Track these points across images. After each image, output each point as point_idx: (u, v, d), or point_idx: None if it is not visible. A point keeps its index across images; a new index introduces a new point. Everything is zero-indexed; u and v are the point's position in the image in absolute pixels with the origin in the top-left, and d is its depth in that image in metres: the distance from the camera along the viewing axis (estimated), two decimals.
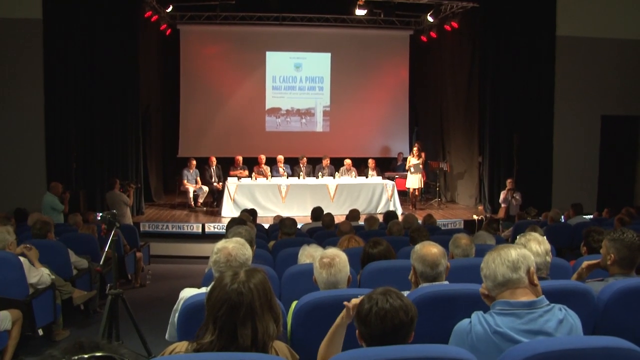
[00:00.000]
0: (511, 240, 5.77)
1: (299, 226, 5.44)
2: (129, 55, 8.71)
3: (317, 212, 6.36)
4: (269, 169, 9.99)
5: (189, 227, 8.19)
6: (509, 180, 8.93)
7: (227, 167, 10.14)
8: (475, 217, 8.98)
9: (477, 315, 1.80)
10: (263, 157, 10.00)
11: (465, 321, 1.82)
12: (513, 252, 1.83)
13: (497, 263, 1.83)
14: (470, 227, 8.39)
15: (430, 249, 2.36)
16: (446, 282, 2.37)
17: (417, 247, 2.41)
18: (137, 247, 6.44)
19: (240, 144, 11.41)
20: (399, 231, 4.78)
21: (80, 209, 7.76)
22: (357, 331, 1.66)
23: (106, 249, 3.57)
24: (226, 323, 1.49)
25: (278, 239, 4.75)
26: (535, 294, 1.79)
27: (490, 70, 9.59)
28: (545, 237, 2.75)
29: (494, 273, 1.82)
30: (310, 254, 3.04)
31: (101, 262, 3.94)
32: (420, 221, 6.20)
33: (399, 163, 11.26)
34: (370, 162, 10.33)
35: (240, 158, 10.08)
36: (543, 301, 1.76)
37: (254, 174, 9.52)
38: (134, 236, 6.48)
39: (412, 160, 9.78)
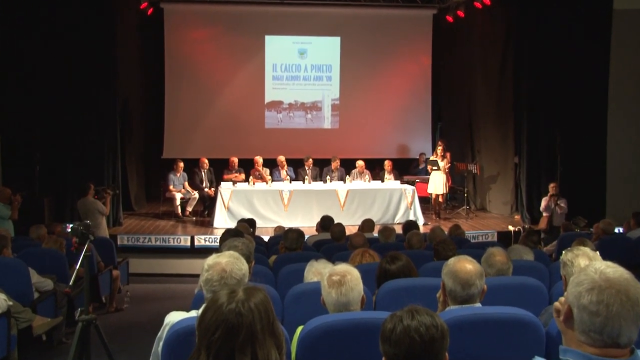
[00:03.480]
0: (555, 256, 5.74)
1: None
2: (103, 39, 8.74)
3: (325, 222, 6.33)
4: (267, 171, 10.01)
5: (175, 240, 8.21)
6: (551, 185, 8.83)
7: (220, 170, 10.16)
8: (511, 228, 8.92)
9: None
10: (259, 159, 10.02)
11: None
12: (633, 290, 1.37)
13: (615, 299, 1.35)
14: (505, 239, 8.32)
15: (465, 264, 2.36)
16: (479, 305, 2.36)
17: (452, 260, 2.41)
18: (113, 264, 6.44)
19: (235, 144, 11.43)
20: (420, 244, 4.77)
21: (44, 220, 7.77)
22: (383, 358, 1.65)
23: (77, 267, 3.56)
24: (222, 349, 1.48)
25: (280, 253, 4.75)
26: None
27: (528, 55, 9.51)
28: (597, 252, 2.73)
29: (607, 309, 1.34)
30: (317, 271, 3.04)
31: (70, 283, 3.88)
32: (446, 233, 6.16)
33: (420, 166, 11.23)
34: (387, 164, 10.32)
35: (235, 160, 10.11)
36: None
37: (251, 178, 9.54)
38: (110, 251, 6.48)
39: (432, 159, 9.77)
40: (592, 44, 9.18)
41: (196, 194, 9.70)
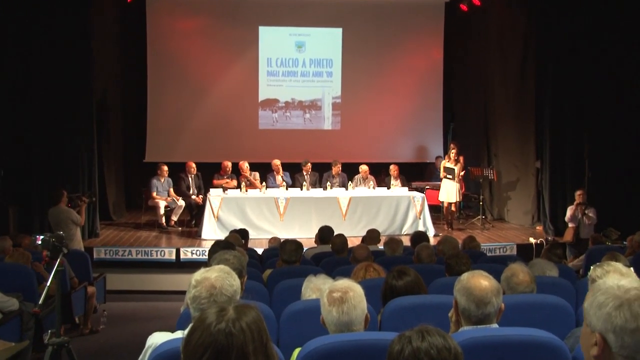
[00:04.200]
0: (583, 271, 5.73)
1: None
2: (77, 31, 8.73)
3: (324, 234, 6.35)
4: (257, 175, 10.02)
5: (159, 253, 8.19)
6: (578, 192, 8.81)
7: (209, 175, 10.17)
8: (532, 240, 8.91)
9: None
10: (245, 165, 10.02)
11: None
12: None
13: None
14: (525, 253, 8.26)
15: (480, 281, 2.37)
16: (495, 326, 2.35)
17: (465, 275, 2.43)
18: (88, 280, 6.42)
19: (225, 146, 11.45)
20: (430, 257, 4.78)
21: (9, 231, 7.73)
22: None
23: (47, 284, 3.55)
24: None
25: (276, 267, 4.76)
26: None
27: (553, 48, 9.51)
28: (631, 268, 2.72)
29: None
30: (317, 287, 3.05)
31: (40, 302, 3.86)
32: (459, 245, 6.15)
33: (440, 173, 11.00)
34: (393, 169, 10.33)
35: (228, 164, 10.11)
36: None
37: (243, 184, 9.54)
38: (85, 266, 6.45)
39: (448, 166, 9.77)
40: (626, 36, 9.04)
41: (182, 202, 9.69)
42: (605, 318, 1.34)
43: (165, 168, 9.84)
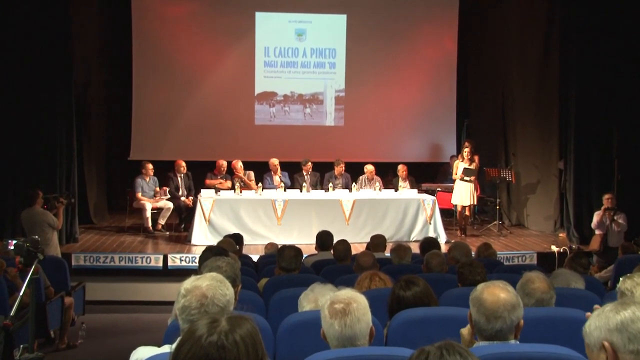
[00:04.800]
0: (611, 283, 5.71)
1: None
2: (56, 17, 8.72)
3: (322, 240, 6.33)
4: (251, 175, 10.04)
5: (144, 260, 8.20)
6: (606, 196, 8.77)
7: (199, 174, 10.17)
8: (554, 248, 8.89)
9: None
10: (238, 164, 10.03)
11: None
12: None
13: None
14: (547, 262, 8.30)
15: (496, 292, 2.38)
16: (514, 342, 2.35)
17: (482, 285, 2.45)
18: (66, 289, 6.39)
19: (218, 144, 11.48)
20: (441, 266, 4.79)
21: None
22: None
23: (20, 294, 3.54)
24: None
25: (273, 276, 4.77)
26: None
27: (577, 38, 9.46)
28: None
29: None
30: (317, 298, 3.05)
31: (11, 313, 3.84)
32: (473, 253, 6.13)
33: (454, 173, 10.98)
34: (401, 170, 10.32)
35: (224, 163, 10.10)
36: None
37: (237, 185, 9.54)
38: (62, 274, 6.43)
39: (462, 167, 9.75)
40: None
41: (170, 204, 9.69)
42: (605, 322, 1.54)
43: (150, 166, 9.82)
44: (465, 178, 9.65)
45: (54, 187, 8.62)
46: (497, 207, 10.42)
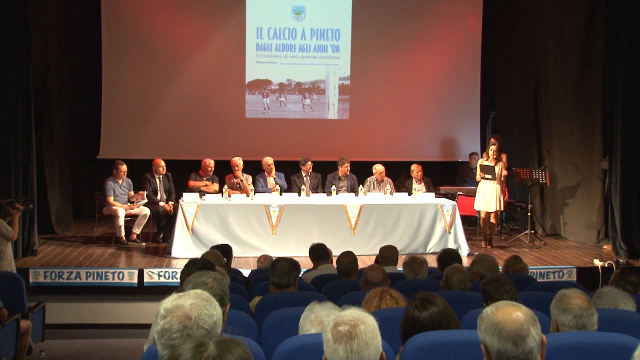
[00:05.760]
0: None
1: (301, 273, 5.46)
2: None
3: (317, 253, 6.36)
4: (249, 178, 10.01)
5: (116, 276, 8.17)
6: None
7: (181, 175, 10.19)
8: (598, 262, 8.85)
9: None
10: (239, 162, 10.04)
11: None
12: None
13: None
14: (589, 279, 8.24)
15: (510, 312, 2.41)
16: None
17: (489, 310, 2.46)
18: (22, 311, 6.34)
19: (203, 140, 11.53)
20: (463, 282, 4.76)
21: None
22: None
23: None
24: None
25: (267, 294, 4.74)
26: None
27: (626, 14, 9.35)
28: None
29: None
30: (318, 319, 3.05)
31: None
32: (500, 268, 6.12)
33: (475, 171, 10.97)
34: (416, 170, 10.35)
35: (210, 162, 10.11)
36: None
37: (225, 187, 9.55)
38: (17, 292, 6.35)
39: (485, 164, 9.73)
40: None
41: (147, 210, 9.68)
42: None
43: (124, 167, 9.78)
44: (487, 176, 9.63)
45: (8, 191, 8.58)
46: (529, 214, 10.35)
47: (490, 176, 9.60)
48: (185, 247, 8.83)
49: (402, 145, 12.06)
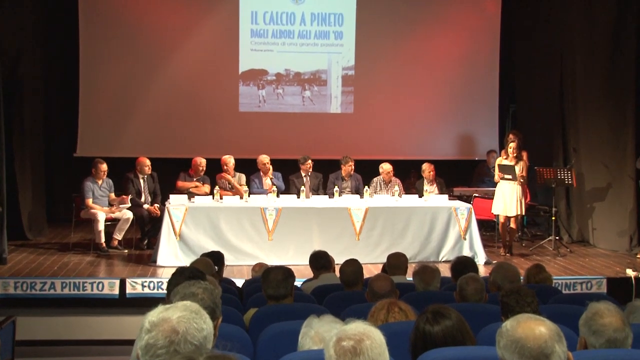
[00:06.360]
0: None
1: (298, 283, 5.47)
2: None
3: (318, 262, 6.40)
4: (242, 177, 10.04)
5: (95, 287, 8.14)
6: None
7: (168, 175, 10.19)
8: (630, 272, 8.84)
9: None
10: (230, 160, 10.05)
11: None
12: None
13: None
14: (620, 291, 8.22)
15: (533, 327, 2.40)
16: None
17: (509, 324, 2.46)
18: None
19: (191, 136, 11.55)
20: (479, 293, 4.75)
21: None
22: None
23: None
24: None
25: (263, 306, 4.75)
26: None
27: None
28: None
29: None
30: (319, 334, 3.05)
31: None
32: (521, 278, 6.12)
33: (493, 171, 10.95)
34: (427, 169, 10.34)
35: (201, 161, 10.09)
36: None
37: (217, 189, 9.55)
38: None
39: (504, 164, 9.73)
40: None
41: (130, 214, 9.66)
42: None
43: (104, 166, 9.75)
44: (506, 176, 9.61)
45: None
46: (553, 218, 10.33)
47: (510, 176, 9.56)
48: (172, 255, 8.83)
49: (412, 142, 12.07)
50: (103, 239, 9.55)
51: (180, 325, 2.23)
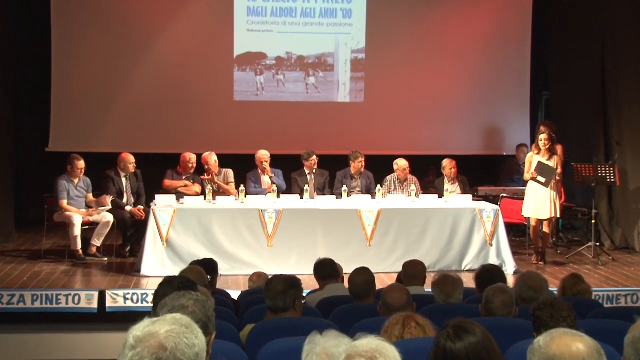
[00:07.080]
0: None
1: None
2: None
3: (326, 269, 6.43)
4: (230, 173, 10.09)
5: (71, 300, 8.17)
6: None
7: (154, 173, 10.21)
8: None
9: None
10: (210, 157, 10.04)
11: None
12: None
13: None
14: None
15: (569, 343, 2.42)
16: None
17: (542, 341, 2.47)
18: None
19: (181, 129, 11.60)
20: (508, 307, 4.74)
21: None
22: None
23: None
24: None
25: (262, 321, 4.77)
26: None
27: None
28: None
29: None
30: (326, 351, 3.02)
31: None
32: (555, 289, 6.11)
33: (523, 166, 10.92)
34: (448, 166, 10.36)
35: (191, 157, 10.10)
36: None
37: (209, 188, 9.57)
38: None
39: (536, 161, 9.72)
40: None
41: (110, 217, 9.69)
42: None
43: (81, 163, 9.77)
44: (540, 179, 9.58)
45: None
46: (593, 222, 10.28)
47: (543, 179, 9.50)
48: (158, 263, 8.86)
49: (431, 135, 12.10)
50: (80, 246, 9.55)
51: (169, 341, 2.20)
